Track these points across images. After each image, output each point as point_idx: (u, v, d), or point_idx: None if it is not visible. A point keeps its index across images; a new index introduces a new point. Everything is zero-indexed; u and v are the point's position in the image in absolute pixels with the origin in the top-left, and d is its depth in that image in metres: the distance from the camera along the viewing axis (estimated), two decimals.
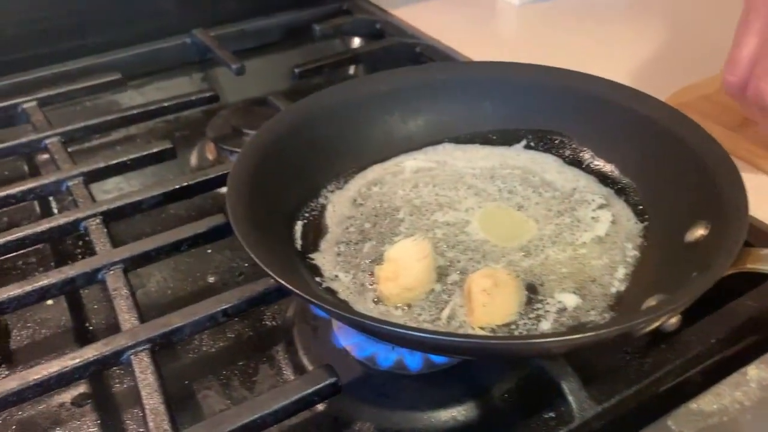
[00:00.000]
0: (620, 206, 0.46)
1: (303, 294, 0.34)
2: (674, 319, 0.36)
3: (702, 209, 0.40)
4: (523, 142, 0.52)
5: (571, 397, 0.35)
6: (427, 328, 0.38)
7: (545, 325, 0.38)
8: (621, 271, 0.41)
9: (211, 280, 0.51)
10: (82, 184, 0.52)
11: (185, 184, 0.52)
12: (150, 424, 0.35)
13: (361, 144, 0.52)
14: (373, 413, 0.40)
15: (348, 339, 0.43)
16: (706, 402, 0.35)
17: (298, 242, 0.45)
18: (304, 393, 0.36)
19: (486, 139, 0.53)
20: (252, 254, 0.36)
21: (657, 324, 0.33)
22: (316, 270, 0.43)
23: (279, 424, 0.36)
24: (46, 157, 0.60)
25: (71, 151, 0.58)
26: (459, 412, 0.39)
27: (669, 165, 0.44)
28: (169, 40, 0.75)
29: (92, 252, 0.47)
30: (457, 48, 0.73)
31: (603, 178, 0.48)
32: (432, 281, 0.41)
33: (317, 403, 0.37)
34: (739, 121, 0.56)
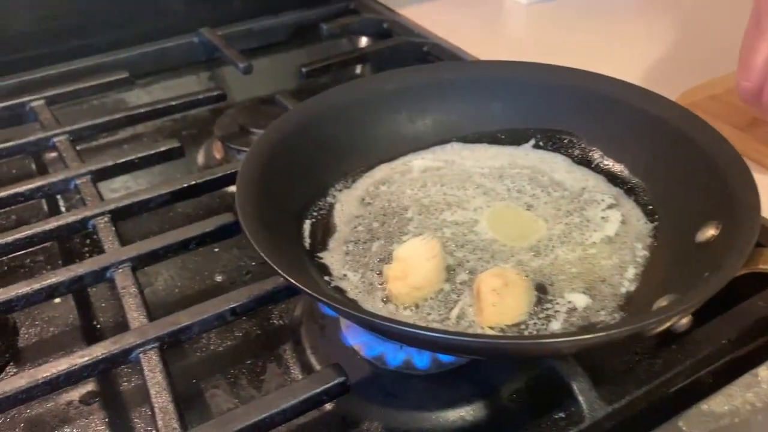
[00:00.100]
0: (630, 206, 0.46)
1: (313, 293, 0.34)
2: (685, 320, 0.36)
3: (713, 209, 0.39)
4: (532, 141, 0.52)
5: (581, 398, 0.35)
6: (437, 327, 0.38)
7: (555, 325, 0.38)
8: (631, 271, 0.41)
9: (218, 278, 0.51)
10: (90, 183, 0.52)
11: (193, 183, 0.52)
12: (159, 422, 0.35)
13: (369, 143, 0.51)
14: (381, 413, 0.40)
15: (356, 338, 0.43)
16: (717, 403, 0.35)
17: (307, 241, 0.45)
18: (312, 392, 0.35)
19: (494, 139, 0.53)
20: (262, 253, 0.35)
21: (668, 324, 0.33)
22: (325, 269, 0.43)
23: (287, 423, 0.36)
24: (54, 155, 0.60)
25: (79, 150, 0.58)
26: (467, 412, 0.39)
27: (679, 165, 0.44)
28: (176, 38, 0.75)
29: (100, 250, 0.47)
30: (465, 47, 0.73)
31: (612, 177, 0.48)
32: (441, 281, 0.41)
33: (326, 403, 0.37)
34: (749, 122, 0.55)
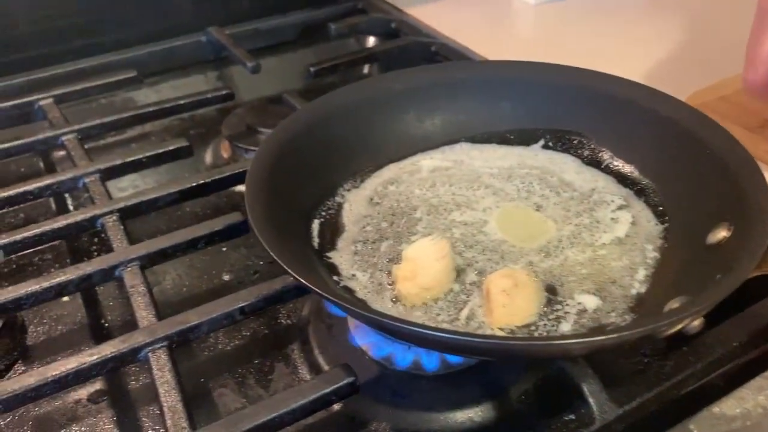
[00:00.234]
0: (640, 207, 0.46)
1: (323, 293, 0.33)
2: (697, 322, 0.36)
3: (724, 211, 0.39)
4: (541, 141, 0.52)
5: (591, 400, 0.35)
6: (446, 328, 0.38)
7: (565, 326, 0.38)
8: (641, 273, 0.41)
9: (226, 278, 0.51)
10: (98, 181, 0.53)
11: (201, 182, 0.52)
12: (168, 422, 0.35)
13: (378, 143, 0.51)
14: (389, 413, 0.40)
15: (364, 338, 0.43)
16: (729, 406, 0.35)
17: (315, 241, 0.45)
18: (321, 392, 0.35)
19: (503, 139, 0.52)
20: (272, 253, 0.35)
21: (680, 326, 0.33)
22: (334, 269, 0.43)
23: (295, 423, 0.36)
24: (63, 153, 0.60)
25: (87, 148, 0.58)
26: (476, 413, 0.39)
27: (690, 166, 0.44)
28: (184, 38, 0.76)
29: (108, 249, 0.47)
30: (473, 47, 0.72)
31: (622, 178, 0.48)
32: (450, 281, 0.41)
33: (335, 403, 0.37)
34: (759, 123, 0.55)
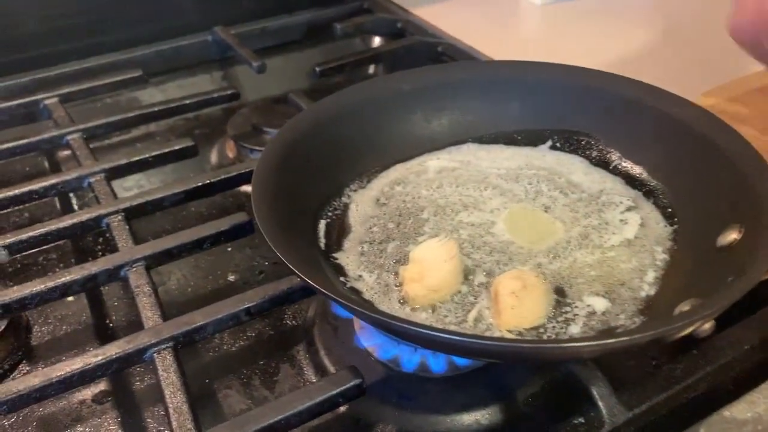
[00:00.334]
0: (649, 209, 0.45)
1: (331, 294, 0.33)
2: (708, 325, 0.35)
3: (735, 213, 0.39)
4: (549, 142, 0.51)
5: (601, 403, 0.34)
6: (454, 330, 0.38)
7: (574, 329, 0.37)
8: (651, 275, 0.41)
9: (231, 278, 0.50)
10: (104, 181, 0.52)
11: (207, 182, 0.51)
12: (173, 423, 0.34)
13: (384, 143, 0.51)
14: (395, 416, 0.39)
15: (370, 340, 0.42)
16: (740, 410, 0.34)
17: (322, 241, 0.44)
18: (328, 394, 0.35)
19: (510, 140, 0.52)
20: (279, 253, 0.35)
21: (691, 329, 0.32)
22: (340, 270, 0.43)
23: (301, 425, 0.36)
24: (67, 153, 0.60)
25: (92, 148, 0.58)
26: (483, 416, 0.39)
27: (699, 167, 0.43)
28: (190, 37, 0.76)
29: (113, 249, 0.46)
30: (479, 47, 0.72)
31: (631, 180, 0.48)
32: (458, 283, 0.40)
33: (341, 405, 0.37)
34: None
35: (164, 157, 0.56)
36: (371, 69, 0.76)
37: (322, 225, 0.45)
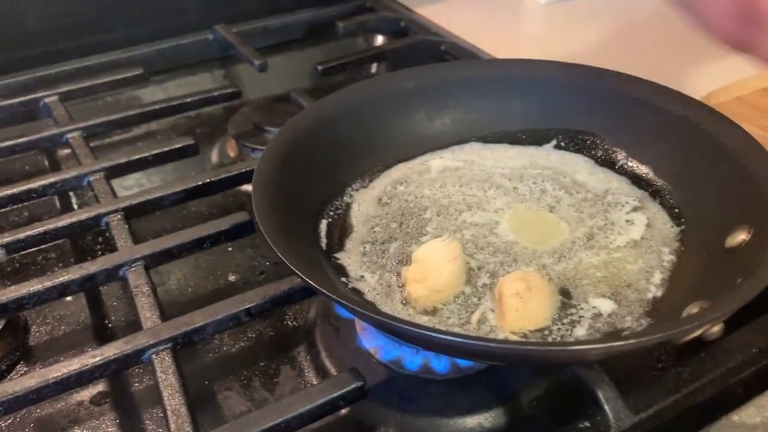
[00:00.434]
0: (655, 209, 0.45)
1: (332, 295, 0.33)
2: (717, 327, 0.35)
3: (743, 213, 0.38)
4: (553, 141, 0.51)
5: (607, 407, 0.34)
6: (457, 332, 0.37)
7: (580, 331, 0.37)
8: (657, 276, 0.40)
9: (232, 278, 0.50)
10: (103, 179, 0.52)
11: (207, 181, 0.51)
12: (171, 425, 0.34)
13: (386, 142, 0.51)
14: (397, 418, 0.39)
15: (372, 341, 0.42)
16: (749, 414, 0.34)
17: (323, 241, 0.44)
18: (329, 397, 0.35)
19: (515, 139, 0.51)
20: (280, 253, 0.35)
21: (700, 332, 0.32)
22: (342, 270, 0.42)
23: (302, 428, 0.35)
24: (67, 152, 0.60)
25: (93, 147, 0.57)
26: (486, 419, 0.38)
27: (707, 167, 0.43)
28: (191, 35, 0.75)
29: (112, 248, 0.46)
30: (483, 46, 0.72)
31: (637, 179, 0.47)
32: (462, 284, 0.40)
33: (342, 408, 0.36)
34: None
35: (164, 156, 0.55)
36: (374, 68, 0.76)
37: (323, 225, 0.45)
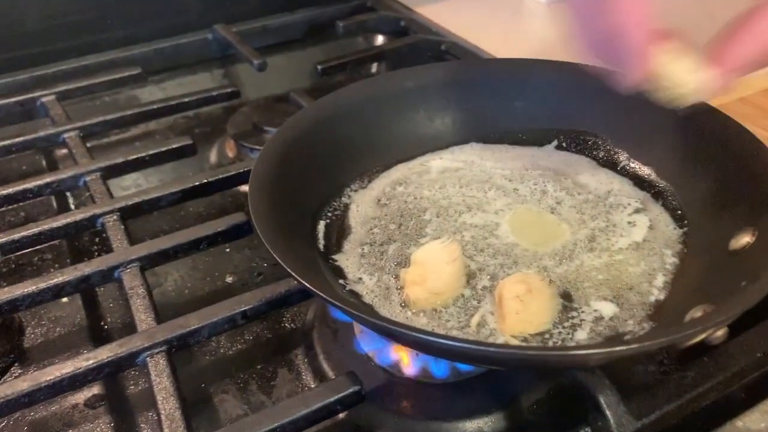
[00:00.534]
0: (658, 211, 0.44)
1: (328, 298, 0.32)
2: (721, 332, 0.34)
3: (748, 215, 0.38)
4: (555, 142, 0.50)
5: (609, 412, 0.33)
6: (456, 335, 0.37)
7: (581, 334, 0.36)
8: (660, 279, 0.39)
9: (229, 279, 0.49)
10: (99, 180, 0.52)
11: (205, 181, 0.51)
12: (165, 430, 0.33)
13: (386, 142, 0.50)
14: (395, 422, 0.38)
15: (371, 344, 0.41)
16: (753, 420, 0.33)
17: (321, 242, 0.43)
18: (326, 401, 0.34)
19: (515, 139, 0.51)
20: (275, 255, 0.34)
21: (703, 336, 0.31)
22: (340, 272, 0.41)
23: None
24: (65, 152, 0.59)
25: (90, 146, 0.57)
26: (486, 424, 0.38)
27: (711, 168, 0.42)
28: (190, 35, 0.75)
29: (109, 249, 0.45)
30: (483, 46, 0.71)
31: (639, 181, 0.46)
32: (461, 286, 0.39)
33: (340, 412, 0.36)
34: None
35: (161, 156, 0.55)
36: (374, 67, 0.76)
37: (321, 226, 0.44)
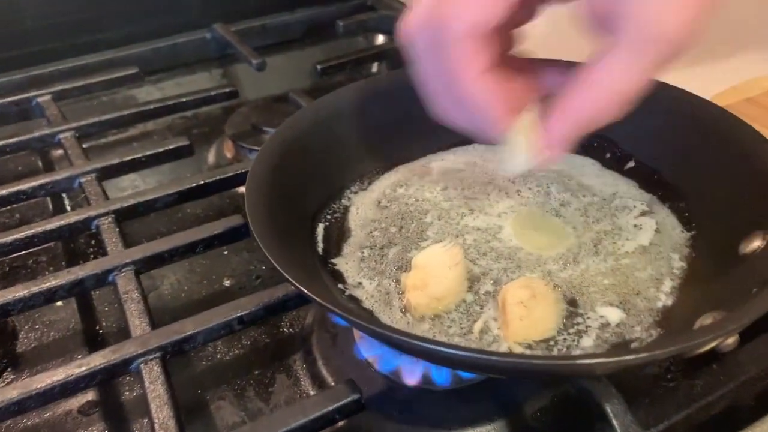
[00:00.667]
0: (664, 214, 0.43)
1: (327, 304, 0.31)
2: (731, 339, 0.33)
3: (758, 218, 0.37)
4: None
5: (615, 422, 0.32)
6: (458, 342, 0.36)
7: (587, 341, 0.35)
8: (667, 284, 0.38)
9: (227, 283, 0.49)
10: (95, 181, 0.51)
11: (202, 183, 0.50)
12: None
13: (386, 143, 0.49)
14: (396, 430, 0.37)
15: (371, 351, 0.40)
16: (765, 430, 0.32)
17: (320, 246, 0.42)
18: (324, 410, 0.33)
19: None
20: (271, 258, 0.33)
21: (713, 345, 0.30)
22: (339, 276, 0.41)
23: None
24: (61, 152, 0.58)
25: (87, 147, 0.57)
26: None
27: (719, 170, 0.41)
28: (188, 34, 0.74)
29: (104, 252, 0.45)
30: None
31: (645, 183, 0.45)
32: (463, 291, 0.38)
33: (338, 421, 0.35)
34: None
35: (158, 157, 0.54)
36: (374, 67, 0.75)
37: (320, 229, 0.44)
